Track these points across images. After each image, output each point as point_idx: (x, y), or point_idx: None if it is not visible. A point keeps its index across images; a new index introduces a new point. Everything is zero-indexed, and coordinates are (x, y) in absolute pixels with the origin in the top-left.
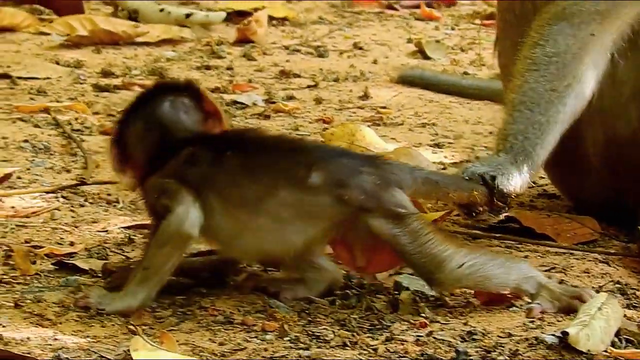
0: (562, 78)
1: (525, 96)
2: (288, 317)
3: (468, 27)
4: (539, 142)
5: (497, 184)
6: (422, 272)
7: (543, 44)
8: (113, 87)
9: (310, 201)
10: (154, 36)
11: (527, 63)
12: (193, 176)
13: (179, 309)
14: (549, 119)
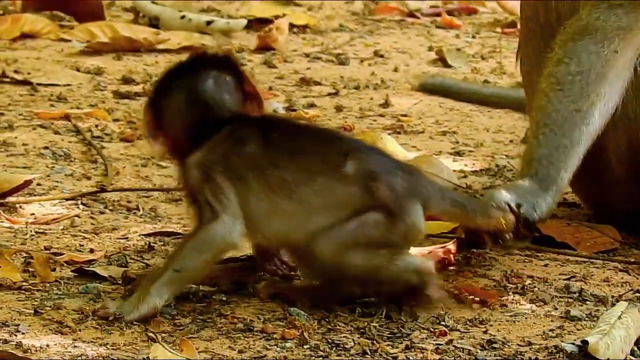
0: (586, 97)
1: (550, 118)
2: (308, 324)
3: (489, 35)
4: (563, 167)
5: (523, 213)
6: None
7: (567, 61)
8: (134, 94)
9: (340, 190)
10: (174, 43)
11: (551, 82)
12: (238, 160)
13: (198, 317)
14: (573, 141)
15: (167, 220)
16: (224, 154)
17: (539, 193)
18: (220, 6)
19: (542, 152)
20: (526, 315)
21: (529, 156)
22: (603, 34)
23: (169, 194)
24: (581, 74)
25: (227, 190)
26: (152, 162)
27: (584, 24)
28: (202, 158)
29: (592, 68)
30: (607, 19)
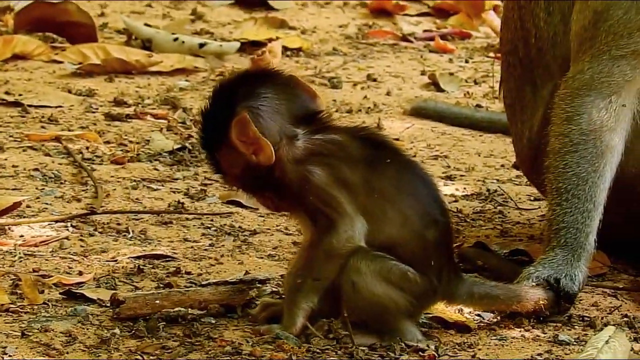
0: (601, 155)
1: (571, 183)
2: (296, 348)
3: (482, 59)
4: (590, 231)
5: (562, 287)
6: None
7: (577, 119)
8: (125, 117)
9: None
10: (167, 65)
11: (564, 142)
12: (347, 173)
13: (187, 339)
14: (596, 203)
15: (157, 242)
16: (336, 169)
17: (572, 263)
18: (213, 29)
19: (568, 220)
20: (514, 339)
21: (555, 225)
22: (609, 88)
23: (159, 216)
24: (594, 132)
25: (345, 204)
26: (143, 185)
27: (588, 77)
28: (311, 166)
29: (604, 125)
30: (611, 72)
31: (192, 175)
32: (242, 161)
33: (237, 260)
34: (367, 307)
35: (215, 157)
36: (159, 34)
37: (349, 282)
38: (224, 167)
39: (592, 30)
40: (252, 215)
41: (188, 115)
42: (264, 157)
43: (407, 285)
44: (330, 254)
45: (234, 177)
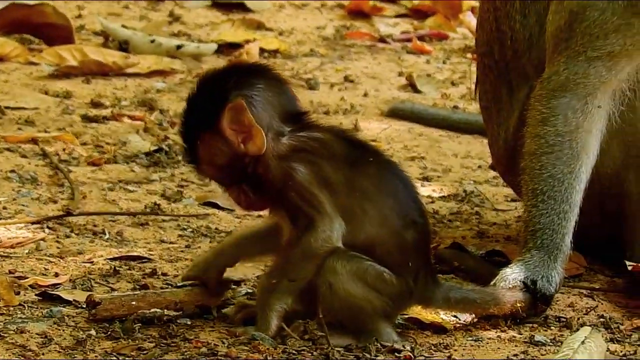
0: (577, 157)
1: (547, 185)
2: (272, 349)
3: (459, 61)
4: (566, 232)
5: (539, 289)
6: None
7: (553, 120)
8: (102, 118)
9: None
10: (144, 67)
11: (540, 143)
12: (330, 172)
13: (162, 341)
14: (572, 205)
15: (133, 244)
16: (317, 167)
17: (549, 264)
18: (190, 30)
19: (544, 221)
20: (490, 340)
21: (531, 226)
22: (585, 89)
23: (135, 218)
24: (570, 134)
25: (325, 204)
26: (119, 186)
27: (564, 78)
28: (293, 163)
29: (580, 126)
30: (587, 73)
31: (168, 176)
32: (226, 150)
33: None
34: (343, 308)
35: (195, 144)
36: (136, 36)
37: (326, 283)
38: (203, 156)
39: (568, 31)
40: (228, 216)
41: (165, 117)
42: (254, 147)
43: (382, 286)
44: (307, 253)
45: (212, 167)
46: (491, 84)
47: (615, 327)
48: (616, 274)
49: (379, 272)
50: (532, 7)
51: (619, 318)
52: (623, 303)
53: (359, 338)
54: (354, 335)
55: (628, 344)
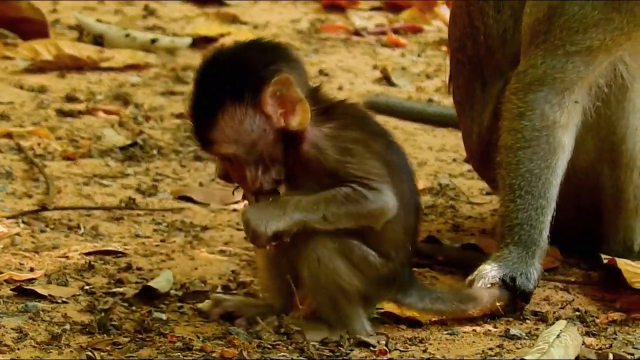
0: (553, 152)
1: (524, 180)
2: (247, 344)
3: (434, 54)
4: (543, 227)
5: (519, 286)
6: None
7: (530, 114)
8: (77, 113)
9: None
10: (119, 61)
11: (517, 138)
12: (374, 145)
13: (138, 335)
14: (549, 199)
15: (108, 239)
16: (371, 145)
17: (527, 261)
18: (165, 24)
19: (522, 217)
20: (465, 333)
21: (508, 221)
22: (562, 84)
23: (110, 212)
24: (547, 129)
25: (385, 173)
26: (94, 181)
27: (541, 72)
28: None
29: (557, 121)
30: (565, 68)
31: (143, 170)
32: (260, 125)
33: (188, 256)
34: (327, 286)
35: (220, 119)
36: (111, 30)
37: (314, 258)
38: (229, 132)
39: (547, 24)
40: (203, 211)
41: (140, 111)
42: (297, 122)
43: (367, 269)
44: (355, 214)
45: (237, 144)
46: (464, 79)
47: (590, 321)
48: (592, 268)
49: (366, 253)
50: (506, 3)
51: (594, 311)
52: (599, 296)
53: (333, 330)
54: (329, 326)
55: (604, 337)
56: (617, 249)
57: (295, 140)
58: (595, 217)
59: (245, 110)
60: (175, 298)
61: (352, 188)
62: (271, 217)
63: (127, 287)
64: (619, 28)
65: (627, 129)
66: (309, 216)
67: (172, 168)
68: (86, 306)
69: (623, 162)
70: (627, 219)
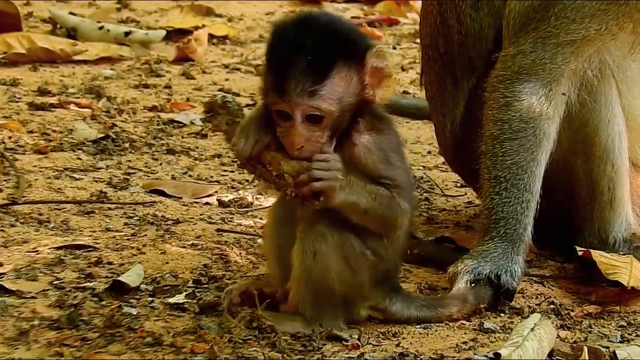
0: (539, 144)
1: (510, 172)
2: (218, 338)
3: (409, 46)
4: (528, 221)
5: (503, 284)
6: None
7: (517, 105)
8: (49, 106)
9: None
10: (92, 54)
11: (503, 128)
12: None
13: (107, 331)
14: (534, 192)
15: (79, 233)
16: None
17: (512, 257)
18: (139, 17)
19: (508, 210)
20: (439, 327)
21: (493, 215)
22: (550, 74)
23: (81, 206)
24: (534, 120)
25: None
26: (65, 174)
27: (530, 62)
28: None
29: (544, 113)
30: (554, 58)
31: (115, 164)
32: (357, 90)
33: (159, 250)
34: (315, 281)
35: (332, 75)
36: (84, 23)
37: (310, 251)
38: (336, 88)
39: (541, 11)
40: (175, 204)
41: (112, 104)
42: (381, 96)
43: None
44: (387, 215)
45: (340, 104)
46: (436, 75)
47: (565, 314)
48: (566, 260)
49: (363, 252)
50: (484, 2)
51: (569, 304)
52: (573, 289)
53: (308, 324)
54: (303, 320)
55: (578, 330)
56: (592, 241)
57: (356, 119)
58: (570, 209)
59: (351, 73)
60: (145, 293)
61: (389, 191)
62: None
63: (97, 282)
64: (615, 19)
65: (600, 122)
66: (361, 201)
67: (144, 161)
68: (55, 301)
69: (596, 155)
70: (602, 210)
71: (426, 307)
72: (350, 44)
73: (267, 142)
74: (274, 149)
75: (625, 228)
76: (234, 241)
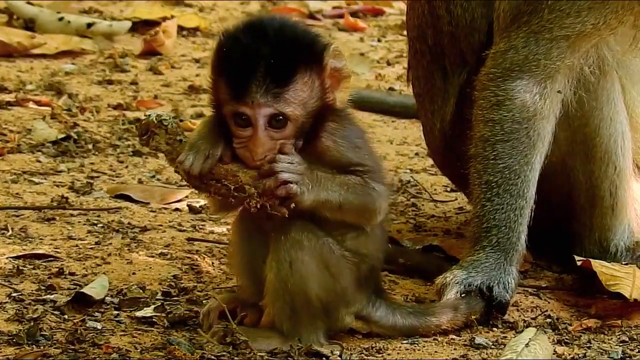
0: (533, 146)
1: (502, 177)
2: (189, 355)
3: (396, 38)
4: (522, 229)
5: (495, 296)
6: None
7: (509, 104)
8: (5, 104)
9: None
10: (52, 47)
11: (495, 130)
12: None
13: (70, 346)
14: (528, 199)
15: (39, 241)
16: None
17: (505, 267)
18: (103, 7)
19: (500, 218)
20: (427, 342)
21: (485, 222)
22: (545, 70)
23: (41, 212)
24: (528, 121)
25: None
26: (24, 178)
27: (522, 57)
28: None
29: (538, 112)
30: (549, 54)
31: (77, 167)
32: (317, 93)
33: (125, 260)
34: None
35: (296, 80)
36: (43, 13)
37: (286, 260)
38: (297, 96)
39: (533, 4)
40: (142, 210)
41: (74, 102)
42: (340, 98)
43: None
44: (366, 205)
45: (304, 107)
46: (424, 70)
47: (563, 328)
48: (564, 270)
49: (341, 255)
50: None
51: (567, 318)
52: (572, 302)
53: (285, 340)
54: (280, 336)
55: (577, 346)
56: (592, 250)
57: (318, 121)
58: (568, 215)
59: (312, 76)
60: (111, 306)
61: (361, 178)
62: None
63: (59, 294)
64: (614, 12)
65: (602, 121)
66: (333, 197)
67: (109, 164)
68: (14, 315)
69: (597, 156)
70: (602, 217)
71: (413, 314)
72: (309, 47)
73: (218, 156)
74: (226, 162)
75: (627, 235)
76: (206, 250)
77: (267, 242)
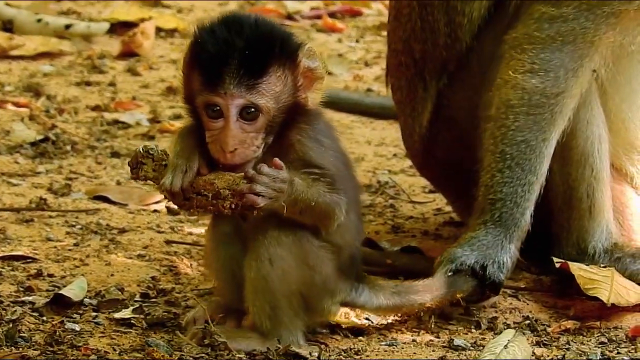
0: (554, 123)
1: (519, 150)
2: (168, 357)
3: (374, 39)
4: (528, 206)
5: (489, 276)
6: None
7: (543, 75)
8: None
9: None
10: (30, 49)
11: (522, 99)
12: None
13: (48, 348)
14: (539, 175)
15: (17, 243)
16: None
17: (504, 245)
18: (81, 8)
19: (507, 191)
20: (405, 344)
21: (491, 194)
22: (586, 46)
23: (19, 214)
24: (556, 97)
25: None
26: (2, 180)
27: (569, 29)
28: (313, 144)
29: (568, 90)
30: (598, 29)
31: (55, 168)
32: (289, 90)
33: (104, 261)
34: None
35: (270, 73)
36: (21, 15)
37: (266, 257)
38: (270, 89)
39: None
40: (120, 211)
41: (52, 103)
42: (312, 99)
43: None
44: (328, 211)
45: (277, 102)
46: (407, 81)
47: (541, 330)
48: (543, 272)
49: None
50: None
51: (545, 319)
52: (550, 303)
53: (264, 341)
54: (259, 336)
55: (555, 347)
56: (570, 252)
57: (289, 119)
58: (546, 217)
59: (286, 72)
60: (89, 307)
61: (325, 184)
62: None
63: (37, 296)
64: None
65: (578, 123)
66: (296, 208)
67: (87, 165)
68: None
69: (574, 159)
70: (580, 219)
71: (397, 294)
72: (283, 42)
73: (196, 167)
74: (205, 173)
75: (605, 237)
76: (184, 252)
77: (243, 245)
